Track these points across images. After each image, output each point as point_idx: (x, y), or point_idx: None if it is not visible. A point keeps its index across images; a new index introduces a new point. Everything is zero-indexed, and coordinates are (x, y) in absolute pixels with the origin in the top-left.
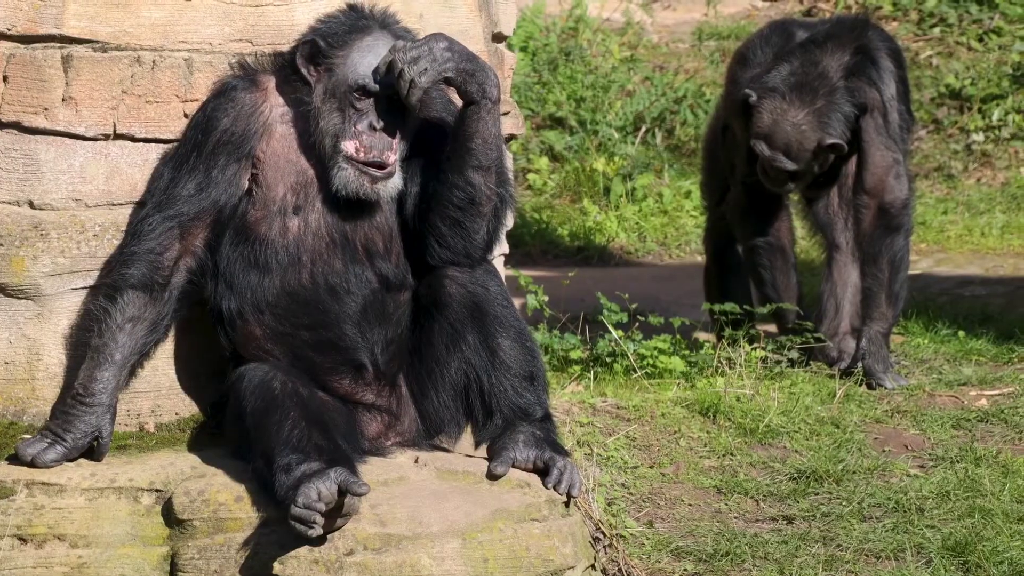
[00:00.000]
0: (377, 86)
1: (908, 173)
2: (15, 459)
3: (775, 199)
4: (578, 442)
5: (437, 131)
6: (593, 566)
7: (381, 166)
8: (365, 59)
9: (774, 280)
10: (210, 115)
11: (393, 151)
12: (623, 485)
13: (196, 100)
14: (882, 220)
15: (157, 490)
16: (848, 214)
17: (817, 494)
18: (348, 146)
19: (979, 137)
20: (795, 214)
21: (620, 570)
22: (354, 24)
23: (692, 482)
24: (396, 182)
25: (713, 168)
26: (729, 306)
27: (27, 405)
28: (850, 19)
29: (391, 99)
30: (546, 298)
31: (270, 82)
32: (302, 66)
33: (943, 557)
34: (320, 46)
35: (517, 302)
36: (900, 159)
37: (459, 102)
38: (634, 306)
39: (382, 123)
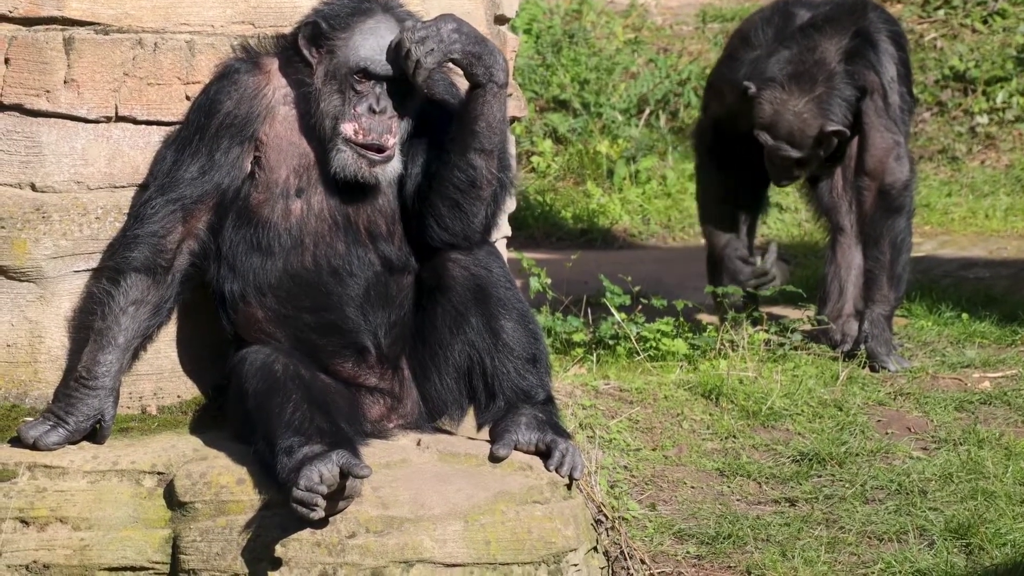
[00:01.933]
0: (380, 68)
1: (909, 155)
2: (17, 442)
3: (736, 167)
4: (580, 425)
5: (439, 113)
6: (595, 548)
7: (380, 149)
8: (367, 42)
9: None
10: (213, 98)
11: (392, 134)
12: (625, 468)
13: (198, 82)
14: (883, 202)
15: (159, 472)
16: (852, 197)
17: (820, 476)
18: (347, 128)
19: (983, 119)
20: (795, 196)
21: (622, 552)
22: (357, 6)
23: (695, 465)
24: (395, 166)
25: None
26: (732, 288)
27: (29, 388)
28: (850, 1)
29: (392, 82)
30: (549, 280)
31: (272, 64)
32: (304, 48)
33: (946, 539)
34: (322, 28)
35: (520, 284)
36: (901, 141)
37: (463, 84)
38: (637, 288)
39: (382, 106)
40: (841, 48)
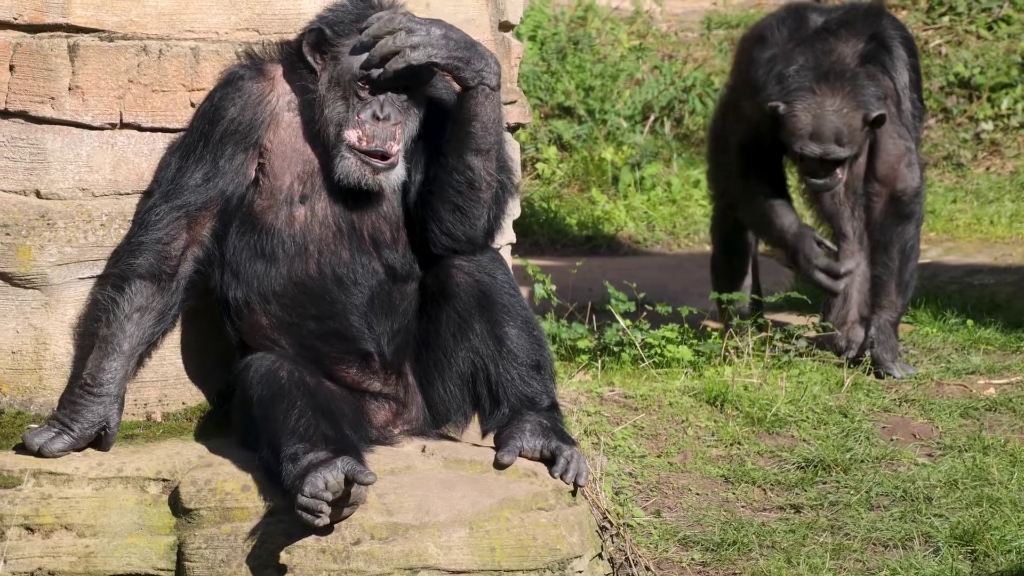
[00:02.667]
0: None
1: (920, 162)
2: (22, 448)
3: (774, 169)
4: (585, 431)
5: (442, 120)
6: (600, 555)
7: (384, 156)
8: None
9: (768, 197)
10: (217, 104)
11: (396, 141)
12: (630, 474)
13: (203, 89)
14: (893, 208)
15: (164, 479)
16: (855, 203)
17: (825, 483)
18: (351, 135)
19: (988, 126)
20: (801, 204)
21: (627, 559)
22: (361, 13)
23: (699, 471)
24: (399, 173)
25: (720, 157)
26: (737, 295)
27: (34, 395)
28: (863, 7)
29: (395, 89)
30: (554, 287)
31: (277, 71)
32: (308, 54)
33: (951, 546)
34: (326, 34)
35: (524, 291)
36: (912, 147)
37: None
38: (642, 295)
39: (386, 113)
40: (857, 52)
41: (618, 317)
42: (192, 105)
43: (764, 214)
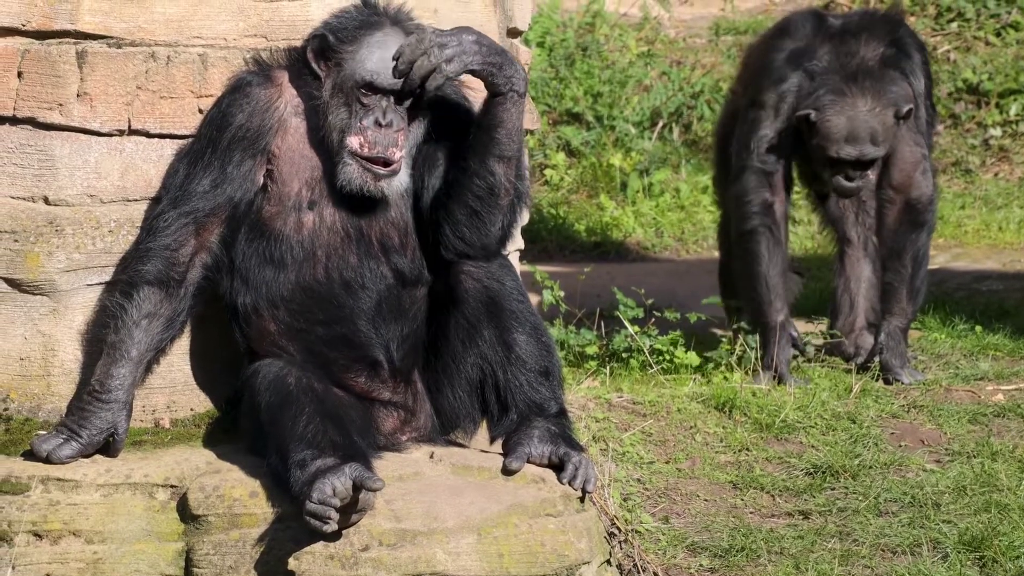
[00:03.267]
0: (386, 82)
1: (934, 169)
2: (30, 455)
3: (782, 191)
4: (593, 437)
5: (453, 125)
6: (608, 561)
7: (386, 163)
8: (373, 55)
9: (768, 275)
10: (225, 111)
11: (399, 148)
12: (638, 480)
13: (211, 96)
14: (907, 215)
15: (172, 486)
16: (859, 208)
17: (833, 489)
18: (353, 141)
19: (996, 132)
20: (807, 208)
21: (636, 565)
22: (365, 20)
23: (708, 477)
24: (402, 179)
25: (726, 162)
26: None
27: (42, 401)
28: (882, 12)
29: (398, 95)
30: (562, 293)
31: (284, 77)
32: (312, 60)
33: (959, 552)
34: (329, 41)
35: (533, 298)
36: (927, 155)
37: (471, 95)
38: (650, 301)
39: (388, 119)
40: (878, 56)
41: (626, 323)
42: (200, 111)
43: (758, 285)
